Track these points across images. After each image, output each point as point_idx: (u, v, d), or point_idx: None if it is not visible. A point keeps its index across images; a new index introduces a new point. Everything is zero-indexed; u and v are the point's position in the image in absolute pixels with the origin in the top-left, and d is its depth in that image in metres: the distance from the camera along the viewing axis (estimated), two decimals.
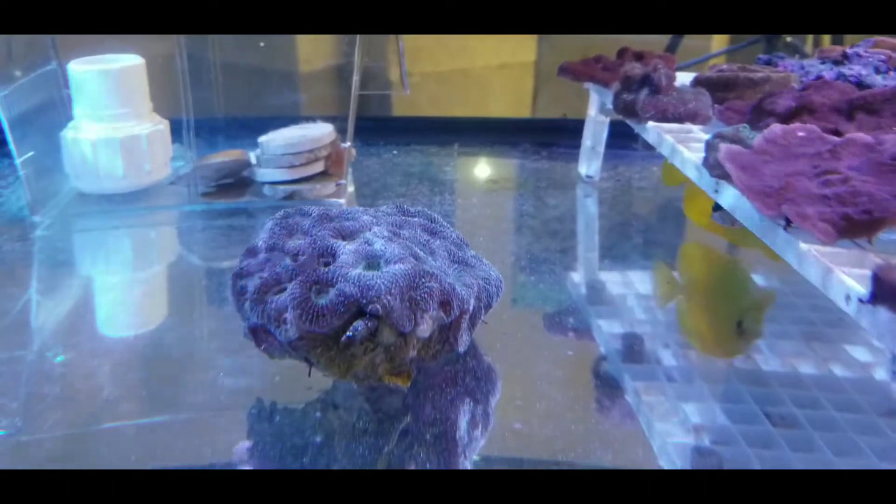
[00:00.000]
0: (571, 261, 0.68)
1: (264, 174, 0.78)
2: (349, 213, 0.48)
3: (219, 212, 0.77)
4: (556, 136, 1.01)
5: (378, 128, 1.04)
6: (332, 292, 0.40)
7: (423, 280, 0.41)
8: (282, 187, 0.78)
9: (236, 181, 0.81)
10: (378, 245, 0.44)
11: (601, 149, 0.85)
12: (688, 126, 0.63)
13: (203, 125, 0.85)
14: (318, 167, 0.79)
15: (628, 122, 0.68)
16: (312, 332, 0.40)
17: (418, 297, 0.41)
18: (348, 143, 0.81)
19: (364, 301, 0.40)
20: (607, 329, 0.55)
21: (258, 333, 0.42)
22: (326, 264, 0.43)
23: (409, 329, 0.40)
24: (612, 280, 0.64)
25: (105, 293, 0.64)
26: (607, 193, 0.85)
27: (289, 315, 0.40)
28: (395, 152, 0.99)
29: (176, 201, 0.79)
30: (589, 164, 0.86)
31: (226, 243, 0.71)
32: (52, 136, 0.76)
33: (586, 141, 0.86)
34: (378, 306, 0.40)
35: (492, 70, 1.40)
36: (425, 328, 0.41)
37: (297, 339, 0.40)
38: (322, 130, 0.80)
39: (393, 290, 0.40)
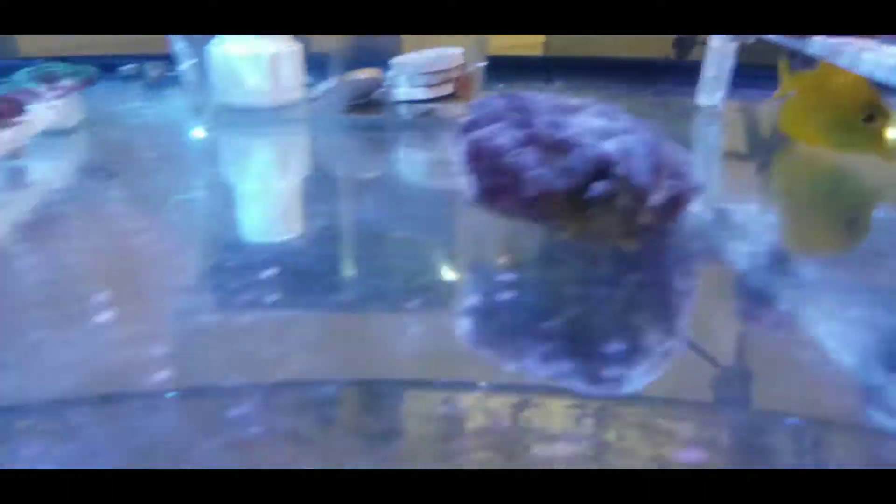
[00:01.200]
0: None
1: (401, 93, 0.79)
2: (557, 98, 0.50)
3: (356, 127, 0.79)
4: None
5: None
6: (576, 152, 0.42)
7: (661, 149, 0.43)
8: (417, 106, 0.80)
9: (371, 100, 0.82)
10: (598, 122, 0.46)
11: (725, 77, 0.86)
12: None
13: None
14: (449, 89, 0.81)
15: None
16: (553, 189, 0.42)
17: (658, 164, 0.42)
18: (479, 65, 0.82)
19: (606, 163, 0.42)
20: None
21: (494, 194, 0.44)
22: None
23: (648, 192, 0.42)
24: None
25: (257, 197, 0.65)
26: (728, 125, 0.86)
27: (531, 173, 0.42)
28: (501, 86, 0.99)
29: (316, 116, 0.81)
30: (711, 93, 0.87)
31: (365, 155, 0.74)
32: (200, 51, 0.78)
33: (708, 71, 0.87)
34: (622, 168, 0.41)
35: None
36: (660, 195, 0.43)
37: (536, 197, 0.42)
38: (453, 52, 0.81)
39: (637, 154, 0.42)
